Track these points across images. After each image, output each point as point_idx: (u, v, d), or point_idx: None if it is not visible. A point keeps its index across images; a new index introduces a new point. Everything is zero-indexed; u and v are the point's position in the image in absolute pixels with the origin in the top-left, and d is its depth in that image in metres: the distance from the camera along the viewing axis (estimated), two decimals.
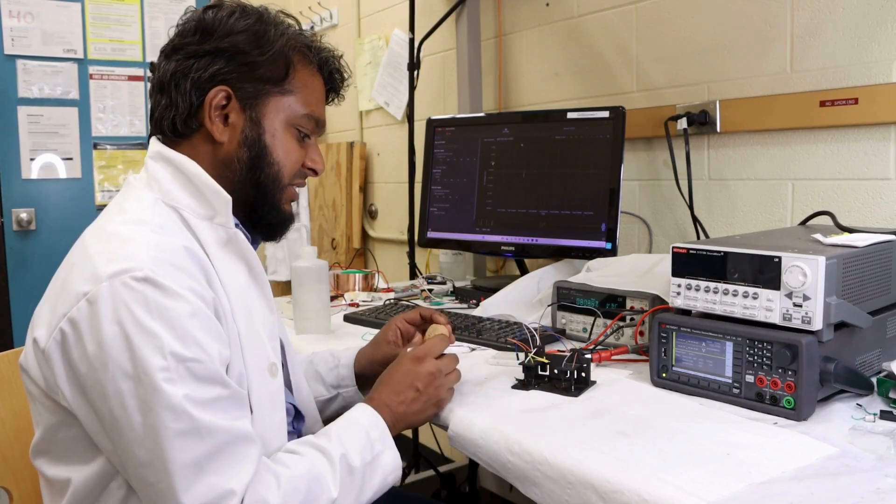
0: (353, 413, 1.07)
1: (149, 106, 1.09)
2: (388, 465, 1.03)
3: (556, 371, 1.19)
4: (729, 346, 1.08)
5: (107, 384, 0.86)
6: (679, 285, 1.15)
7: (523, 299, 1.69)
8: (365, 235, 3.15)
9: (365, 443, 1.01)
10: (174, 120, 1.03)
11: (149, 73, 1.10)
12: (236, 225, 1.05)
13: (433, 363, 1.12)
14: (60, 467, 0.96)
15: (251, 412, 0.97)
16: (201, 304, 0.91)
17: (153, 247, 0.91)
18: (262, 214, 1.09)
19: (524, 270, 1.98)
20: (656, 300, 1.34)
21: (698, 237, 1.78)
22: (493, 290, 1.77)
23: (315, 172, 1.13)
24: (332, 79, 1.14)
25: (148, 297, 0.86)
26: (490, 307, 1.69)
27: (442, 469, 2.52)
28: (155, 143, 1.05)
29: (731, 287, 1.09)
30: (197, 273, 0.94)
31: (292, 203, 1.12)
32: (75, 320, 0.87)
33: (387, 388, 1.10)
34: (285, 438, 1.05)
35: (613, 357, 1.32)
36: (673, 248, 1.16)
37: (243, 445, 0.90)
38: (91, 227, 1.00)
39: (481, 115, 2.14)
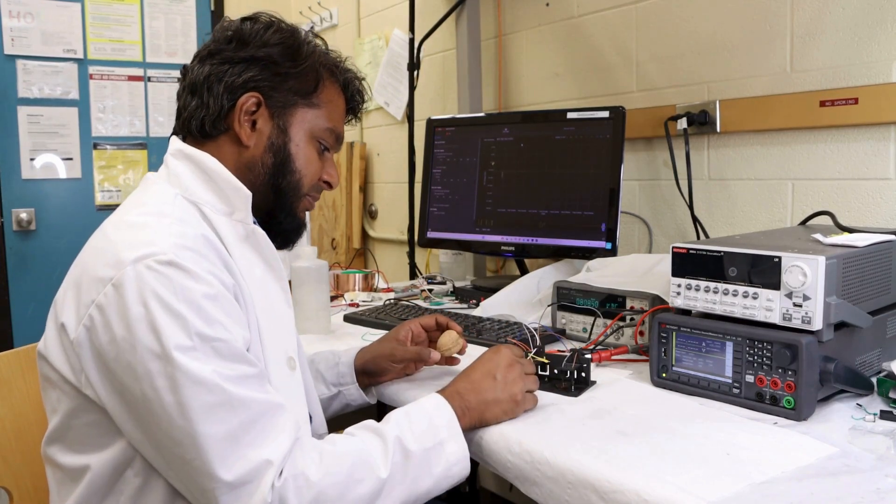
0: (420, 399, 1.04)
1: (149, 108, 1.11)
2: (454, 455, 0.99)
3: (556, 371, 1.19)
4: (729, 346, 1.08)
5: (136, 366, 0.87)
6: (679, 285, 1.15)
7: (523, 299, 1.69)
8: (365, 235, 3.15)
9: (427, 428, 0.98)
10: (203, 120, 1.06)
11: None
12: (255, 222, 1.07)
13: (511, 355, 1.09)
14: (76, 455, 0.97)
15: None
16: (222, 288, 0.93)
17: (174, 234, 0.94)
18: (279, 220, 1.11)
19: (524, 270, 1.98)
20: (656, 300, 1.34)
21: (698, 237, 1.78)
22: (493, 290, 1.77)
23: (330, 186, 1.16)
24: (353, 100, 1.18)
25: (172, 279, 0.88)
26: (490, 307, 1.69)
27: None
28: (175, 142, 1.08)
29: (731, 287, 1.09)
30: (216, 260, 0.96)
31: (305, 212, 1.15)
32: (102, 306, 0.89)
33: (462, 376, 1.08)
34: (308, 432, 1.06)
35: (613, 357, 1.32)
36: (673, 248, 1.16)
37: (277, 415, 0.91)
38: (110, 219, 1.02)
39: (481, 115, 2.14)
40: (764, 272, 1.05)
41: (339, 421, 1.33)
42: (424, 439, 0.97)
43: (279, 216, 1.11)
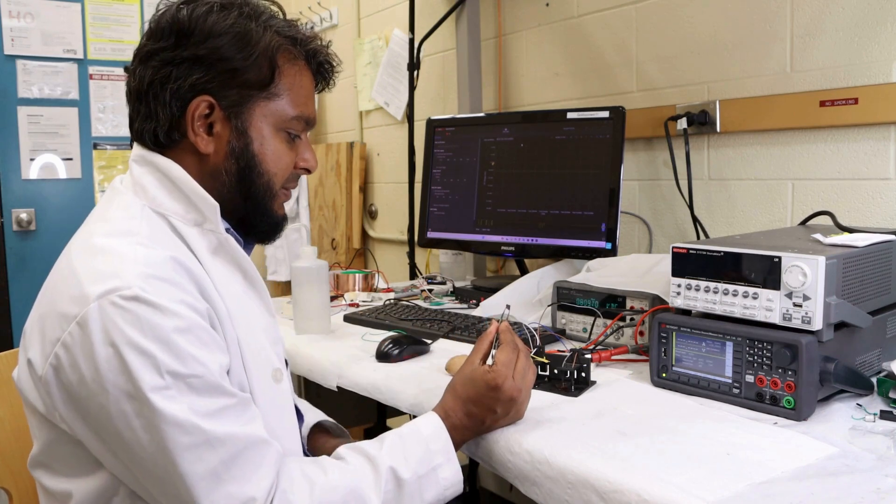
0: (416, 421, 1.01)
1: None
2: (447, 480, 0.97)
3: (556, 371, 1.19)
4: (729, 346, 1.08)
5: (110, 407, 0.83)
6: (679, 285, 1.15)
7: (523, 299, 1.69)
8: (365, 235, 3.15)
9: (422, 454, 0.96)
10: (156, 131, 0.98)
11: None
12: (227, 230, 1.02)
13: (513, 386, 1.01)
14: (60, 479, 0.94)
15: None
16: (195, 317, 0.88)
17: (140, 262, 0.87)
18: (254, 223, 1.05)
19: (524, 270, 1.98)
20: (656, 300, 1.34)
21: (698, 237, 1.78)
22: (493, 290, 1.77)
23: (308, 171, 1.08)
24: (322, 70, 1.08)
25: (139, 316, 0.83)
26: (490, 307, 1.69)
27: None
28: (138, 148, 1.01)
29: (730, 287, 1.09)
30: (188, 285, 0.90)
31: (285, 204, 1.09)
32: (68, 345, 0.85)
33: (460, 404, 1.02)
34: (298, 443, 1.04)
35: (613, 357, 1.32)
36: (673, 248, 1.16)
37: (258, 449, 0.88)
38: (77, 238, 0.96)
39: (481, 115, 2.14)
40: (764, 272, 1.05)
41: (340, 419, 1.33)
42: (419, 467, 0.95)
43: (253, 220, 1.04)
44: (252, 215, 1.04)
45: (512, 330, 1.08)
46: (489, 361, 1.05)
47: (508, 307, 1.16)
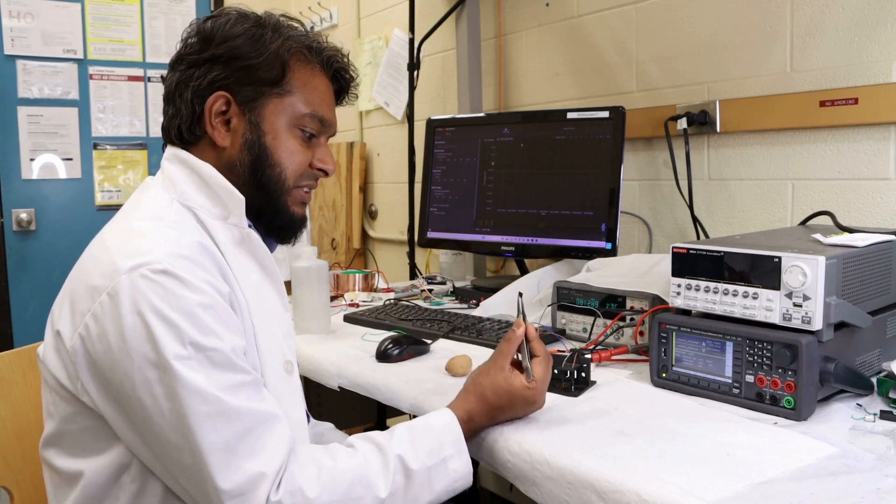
0: (430, 414, 1.02)
1: (149, 108, 1.10)
2: (457, 472, 0.98)
3: (556, 371, 1.19)
4: (729, 346, 1.08)
5: (133, 375, 0.87)
6: (679, 285, 1.15)
7: (523, 299, 1.69)
8: (365, 235, 3.15)
9: (432, 445, 0.97)
10: (179, 128, 1.05)
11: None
12: (249, 226, 1.07)
13: (544, 400, 1.05)
14: (72, 459, 0.97)
15: None
16: (217, 296, 0.93)
17: (170, 241, 0.93)
18: (269, 217, 1.09)
19: (524, 270, 1.98)
20: (656, 300, 1.34)
21: (698, 237, 1.78)
22: (493, 290, 1.77)
23: (325, 173, 1.13)
24: (339, 77, 1.14)
25: (167, 288, 0.88)
26: (490, 307, 1.69)
27: None
28: (171, 148, 1.08)
29: (730, 287, 1.09)
30: (211, 268, 0.96)
31: (304, 205, 1.12)
32: (98, 315, 0.89)
33: (478, 398, 1.03)
34: (306, 436, 1.06)
35: (613, 357, 1.32)
36: (673, 248, 1.16)
37: (272, 425, 0.91)
38: (109, 224, 1.02)
39: (481, 115, 2.14)
40: (764, 272, 1.05)
41: (340, 419, 1.33)
42: (428, 458, 0.96)
43: (268, 213, 1.09)
44: (266, 209, 1.09)
45: (539, 338, 1.07)
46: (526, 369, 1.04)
47: (521, 294, 1.16)
